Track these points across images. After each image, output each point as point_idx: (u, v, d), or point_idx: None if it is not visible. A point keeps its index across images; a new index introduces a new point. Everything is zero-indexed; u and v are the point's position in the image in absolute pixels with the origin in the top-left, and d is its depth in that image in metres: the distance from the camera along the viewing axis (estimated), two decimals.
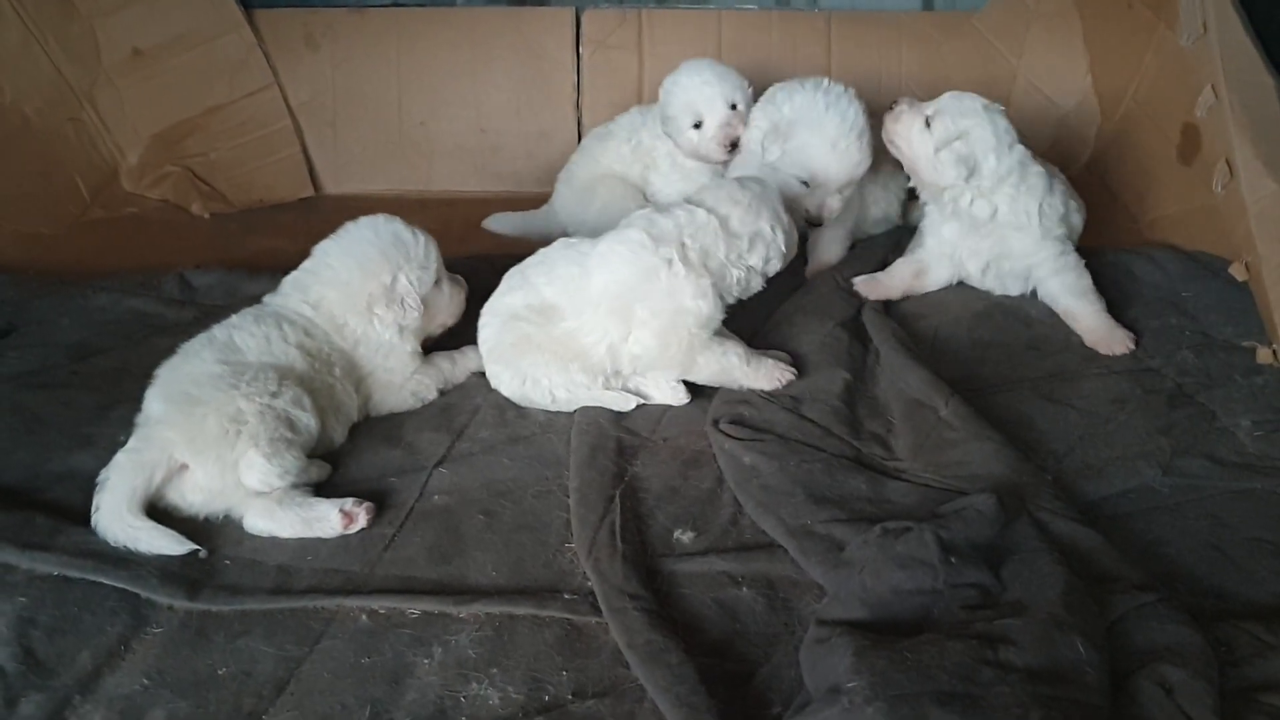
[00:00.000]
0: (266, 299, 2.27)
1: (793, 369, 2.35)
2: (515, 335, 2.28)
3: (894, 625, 1.60)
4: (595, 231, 2.40)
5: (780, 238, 2.31)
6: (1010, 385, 2.38)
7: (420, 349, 2.36)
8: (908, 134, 2.60)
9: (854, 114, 2.64)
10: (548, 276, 2.30)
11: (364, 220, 2.29)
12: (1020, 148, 2.55)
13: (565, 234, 2.62)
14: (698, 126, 2.85)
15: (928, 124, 2.56)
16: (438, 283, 2.33)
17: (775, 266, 2.35)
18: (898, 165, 2.77)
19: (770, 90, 2.79)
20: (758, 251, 2.28)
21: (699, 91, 2.82)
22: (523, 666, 1.65)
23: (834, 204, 2.72)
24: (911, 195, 2.89)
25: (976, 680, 1.42)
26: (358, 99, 3.64)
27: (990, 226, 2.61)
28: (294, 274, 2.29)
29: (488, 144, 3.55)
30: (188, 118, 3.53)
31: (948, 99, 2.59)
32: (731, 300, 2.32)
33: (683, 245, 2.21)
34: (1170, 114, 2.96)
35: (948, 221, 2.66)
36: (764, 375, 2.30)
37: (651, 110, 3.05)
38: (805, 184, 2.68)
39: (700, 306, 2.21)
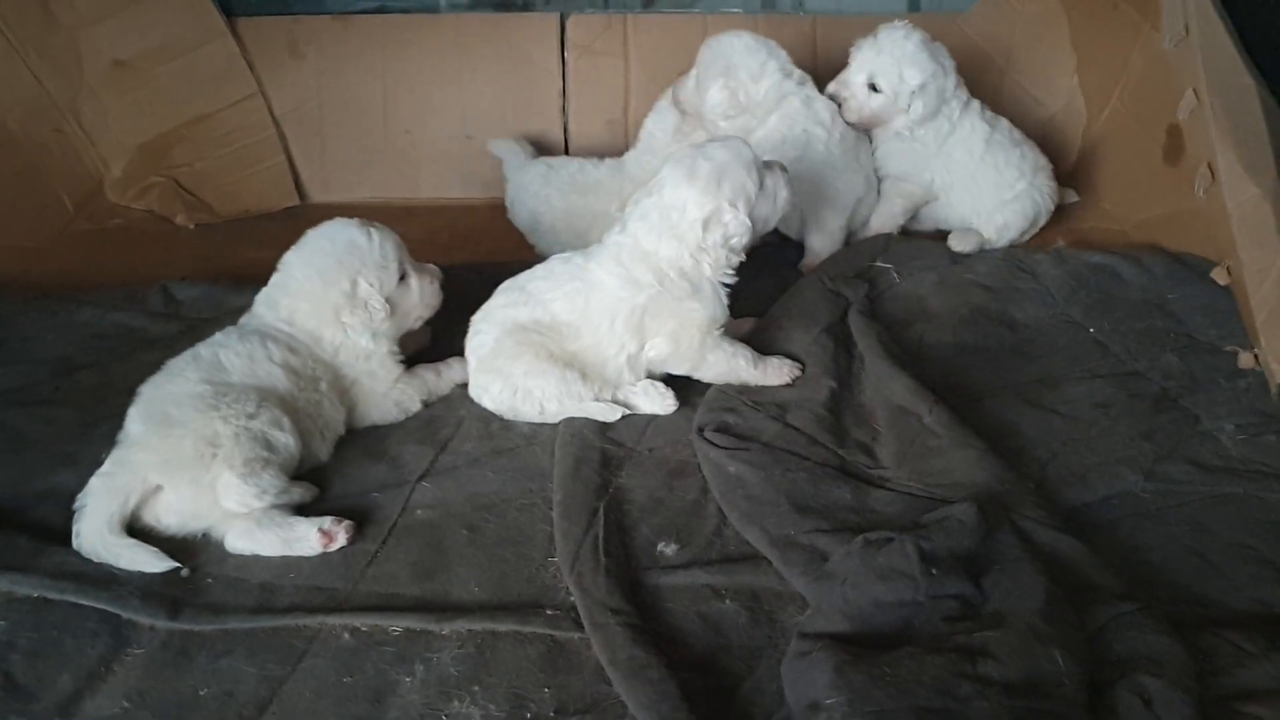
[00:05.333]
0: (243, 320, 2.27)
1: (799, 365, 2.39)
2: (518, 345, 2.26)
3: (875, 637, 1.61)
4: None
5: (739, 214, 2.18)
6: (995, 391, 2.38)
7: (399, 352, 2.34)
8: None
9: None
10: (556, 293, 2.29)
11: (322, 227, 2.28)
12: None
13: None
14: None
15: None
16: (403, 278, 2.29)
17: (744, 242, 2.23)
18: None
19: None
20: (714, 233, 2.19)
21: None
22: (505, 684, 1.65)
23: None
24: None
25: (955, 695, 1.43)
26: (342, 107, 3.62)
27: None
28: (264, 291, 2.28)
29: (474, 150, 3.53)
30: (172, 128, 3.50)
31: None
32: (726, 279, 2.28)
33: (660, 270, 2.21)
34: (1156, 115, 2.96)
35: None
36: (772, 372, 2.35)
37: None
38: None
39: (699, 312, 2.24)
